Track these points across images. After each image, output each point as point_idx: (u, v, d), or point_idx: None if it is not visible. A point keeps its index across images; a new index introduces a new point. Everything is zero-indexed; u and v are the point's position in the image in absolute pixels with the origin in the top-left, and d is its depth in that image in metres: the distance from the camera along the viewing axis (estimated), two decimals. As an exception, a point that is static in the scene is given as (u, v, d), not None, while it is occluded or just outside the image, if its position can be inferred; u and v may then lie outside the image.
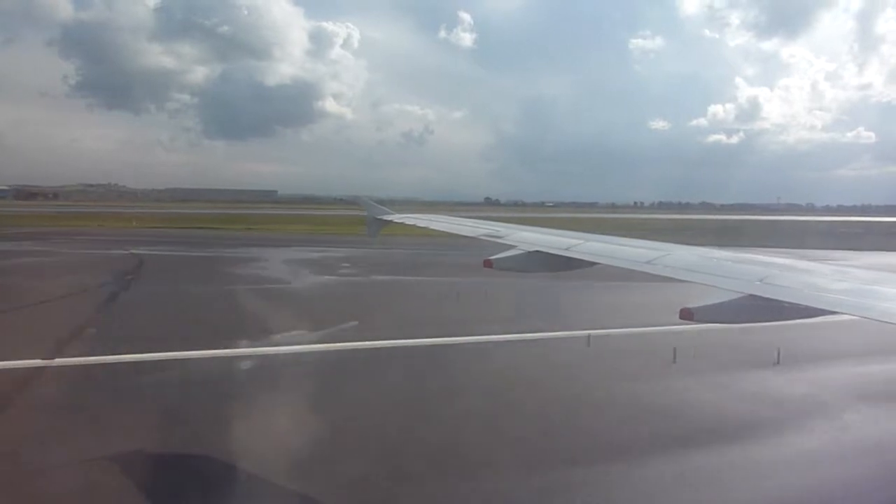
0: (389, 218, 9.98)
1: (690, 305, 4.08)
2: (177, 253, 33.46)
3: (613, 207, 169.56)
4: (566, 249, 6.18)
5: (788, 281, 4.13)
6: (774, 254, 9.47)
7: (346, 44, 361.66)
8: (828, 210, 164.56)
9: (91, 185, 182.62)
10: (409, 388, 10.28)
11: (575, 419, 9.01)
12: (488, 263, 6.28)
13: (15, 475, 6.91)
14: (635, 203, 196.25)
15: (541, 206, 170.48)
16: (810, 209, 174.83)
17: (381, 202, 11.11)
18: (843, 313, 3.53)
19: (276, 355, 12.10)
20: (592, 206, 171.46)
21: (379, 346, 12.73)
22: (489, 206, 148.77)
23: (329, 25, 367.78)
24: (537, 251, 6.25)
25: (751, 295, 3.98)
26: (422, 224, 9.18)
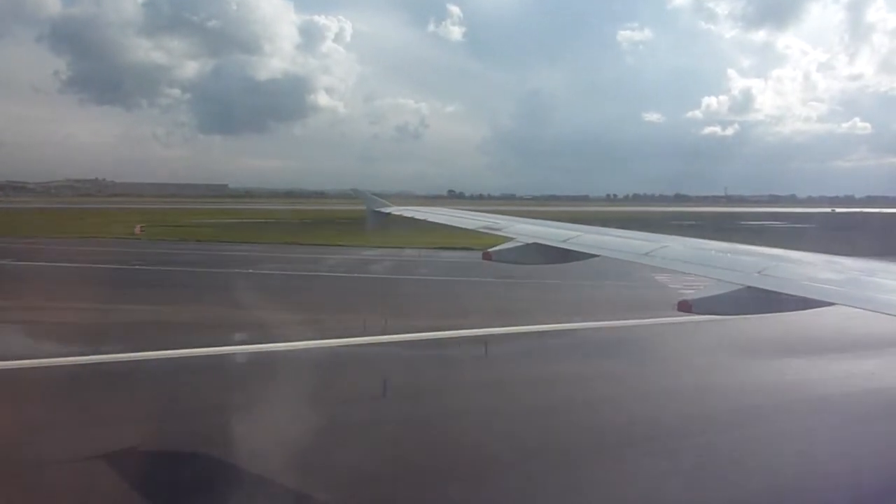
0: (388, 211, 9.97)
1: (688, 297, 4.09)
2: None
3: (586, 200, 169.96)
4: (564, 241, 6.19)
5: (786, 272, 4.13)
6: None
7: (337, 38, 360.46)
8: (809, 201, 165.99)
9: (78, 181, 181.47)
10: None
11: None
12: (487, 255, 6.30)
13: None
14: (608, 195, 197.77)
15: (511, 198, 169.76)
16: (791, 200, 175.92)
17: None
18: (842, 304, 3.54)
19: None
20: (571, 199, 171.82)
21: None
22: (452, 199, 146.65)
23: (319, 19, 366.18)
24: (536, 243, 6.25)
25: (749, 286, 3.99)
26: (420, 217, 9.16)
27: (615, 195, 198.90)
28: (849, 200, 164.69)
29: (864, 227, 58.04)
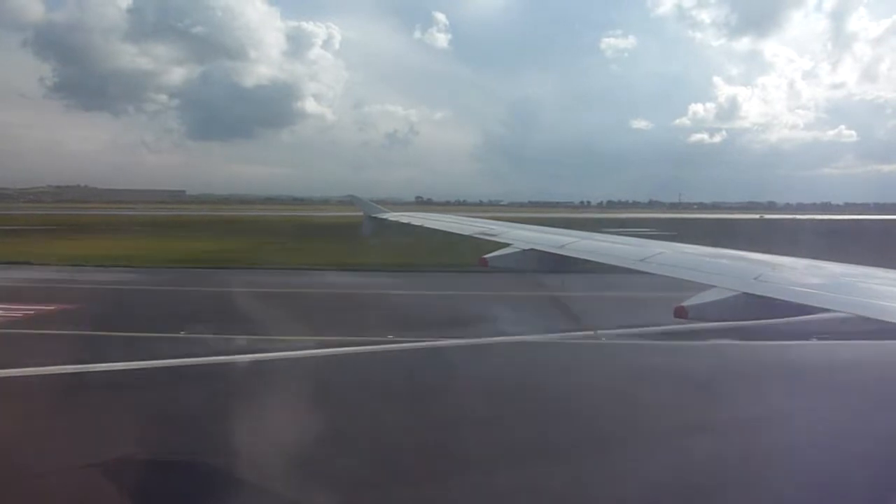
0: (384, 217, 10.00)
1: (685, 303, 4.10)
2: None
3: (557, 206, 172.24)
4: (560, 247, 6.22)
5: (783, 279, 4.17)
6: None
7: (325, 44, 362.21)
8: (787, 208, 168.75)
9: (59, 188, 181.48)
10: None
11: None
12: (483, 262, 6.30)
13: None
14: (581, 202, 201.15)
15: (479, 204, 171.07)
16: (770, 207, 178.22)
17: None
18: (839, 311, 3.57)
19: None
20: (549, 205, 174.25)
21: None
22: (419, 205, 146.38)
23: (306, 25, 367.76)
24: (532, 249, 6.28)
25: (745, 293, 4.01)
26: (416, 222, 9.17)
27: (588, 202, 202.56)
28: (825, 207, 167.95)
29: (747, 233, 53.29)
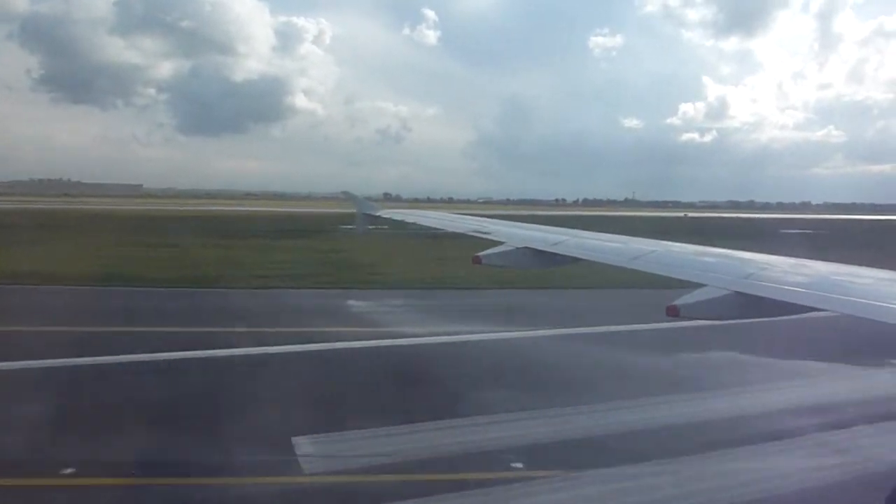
0: (377, 214, 10.00)
1: (677, 302, 4.13)
2: None
3: (534, 204, 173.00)
4: (554, 245, 6.26)
5: (774, 279, 4.21)
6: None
7: (315, 40, 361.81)
8: (766, 207, 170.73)
9: (41, 181, 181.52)
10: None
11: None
12: (477, 260, 6.32)
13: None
14: (556, 200, 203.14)
15: (450, 201, 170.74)
16: (749, 206, 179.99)
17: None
18: (828, 311, 3.61)
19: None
20: (534, 202, 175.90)
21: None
22: (387, 202, 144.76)
23: (295, 21, 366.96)
24: (526, 247, 6.31)
25: (736, 292, 4.05)
26: (410, 220, 9.19)
27: (564, 199, 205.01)
28: (803, 207, 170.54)
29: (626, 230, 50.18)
